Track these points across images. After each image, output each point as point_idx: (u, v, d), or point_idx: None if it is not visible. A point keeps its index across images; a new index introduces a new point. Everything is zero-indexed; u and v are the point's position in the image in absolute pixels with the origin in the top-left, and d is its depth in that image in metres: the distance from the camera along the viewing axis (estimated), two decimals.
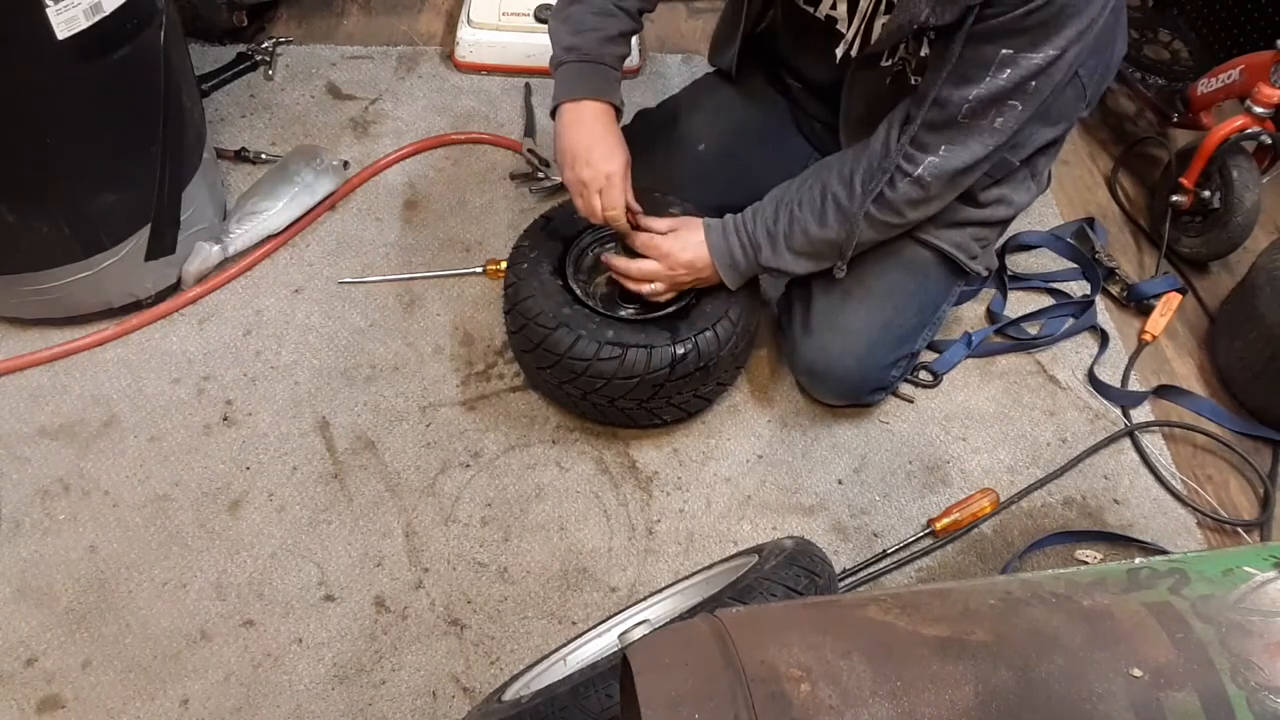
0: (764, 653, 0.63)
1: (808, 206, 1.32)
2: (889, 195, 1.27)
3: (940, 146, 1.22)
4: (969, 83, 1.16)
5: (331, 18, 2.17)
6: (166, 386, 1.48)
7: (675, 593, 1.20)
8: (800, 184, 1.35)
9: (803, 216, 1.32)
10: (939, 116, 1.20)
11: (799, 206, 1.32)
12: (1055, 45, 1.12)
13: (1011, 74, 1.14)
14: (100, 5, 1.24)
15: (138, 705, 1.18)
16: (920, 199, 1.28)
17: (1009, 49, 1.13)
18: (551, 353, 1.34)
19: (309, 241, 1.70)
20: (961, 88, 1.17)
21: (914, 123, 1.21)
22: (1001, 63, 1.14)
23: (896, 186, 1.26)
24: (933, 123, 1.21)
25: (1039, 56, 1.13)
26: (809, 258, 1.35)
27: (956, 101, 1.18)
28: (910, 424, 1.54)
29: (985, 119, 1.19)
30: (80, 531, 1.32)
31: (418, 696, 1.20)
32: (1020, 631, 0.67)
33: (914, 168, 1.24)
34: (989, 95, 1.16)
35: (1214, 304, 1.75)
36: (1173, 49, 2.08)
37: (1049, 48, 1.12)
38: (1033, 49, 1.12)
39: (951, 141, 1.22)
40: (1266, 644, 0.65)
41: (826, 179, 1.31)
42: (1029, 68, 1.14)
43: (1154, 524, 1.44)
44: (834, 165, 1.32)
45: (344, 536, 1.34)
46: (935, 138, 1.22)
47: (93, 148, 1.35)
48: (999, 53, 1.13)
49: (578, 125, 1.32)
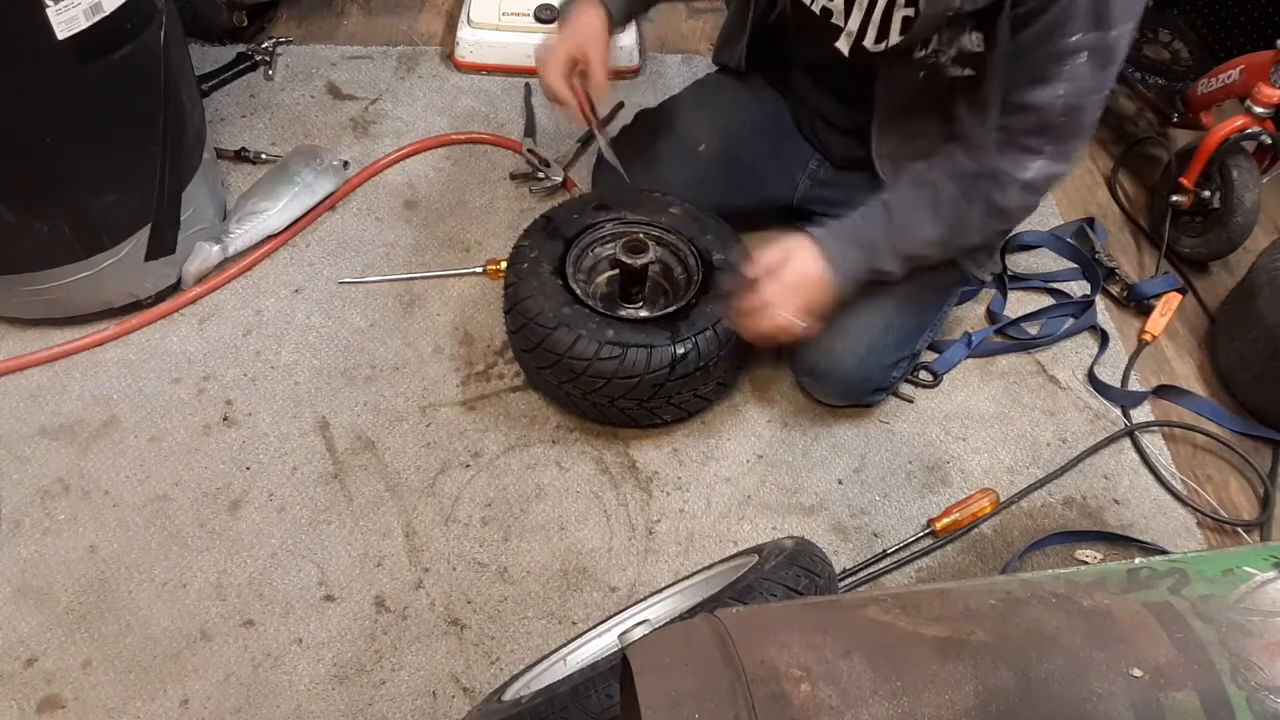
0: (764, 653, 0.63)
1: (918, 205, 1.27)
2: (1001, 203, 1.24)
3: (1046, 148, 1.20)
4: (1049, 81, 1.13)
5: (331, 18, 2.17)
6: (166, 386, 1.48)
7: (675, 593, 1.20)
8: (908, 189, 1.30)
9: (918, 217, 1.27)
10: (1036, 122, 1.17)
11: (914, 208, 1.28)
12: (1124, 16, 1.09)
13: (1090, 59, 1.11)
14: (100, 5, 1.24)
15: (138, 705, 1.18)
16: (1030, 205, 1.27)
17: (1078, 34, 1.09)
18: (551, 352, 1.34)
19: (309, 241, 1.70)
20: (1044, 88, 1.14)
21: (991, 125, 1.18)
22: (1075, 50, 1.10)
23: (1008, 193, 1.23)
24: (1029, 127, 1.18)
25: (1113, 33, 1.09)
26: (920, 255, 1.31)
27: (1047, 103, 1.15)
28: (910, 424, 1.54)
29: (1085, 115, 1.17)
30: (80, 531, 1.32)
31: (418, 696, 1.20)
32: (1020, 631, 0.67)
33: (1024, 173, 1.21)
34: (1076, 88, 1.13)
35: (1214, 304, 1.75)
36: (1173, 49, 2.08)
37: (1119, 20, 1.09)
38: (1100, 25, 1.09)
39: (1056, 143, 1.19)
40: (1266, 644, 0.65)
41: (937, 178, 1.27)
42: (1105, 49, 1.10)
43: (1154, 524, 1.44)
44: (941, 166, 1.28)
45: (344, 536, 1.34)
46: (1036, 140, 1.19)
47: (93, 148, 1.35)
48: (1068, 41, 1.10)
49: (560, 20, 1.39)
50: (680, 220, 1.51)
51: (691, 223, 1.50)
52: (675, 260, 1.51)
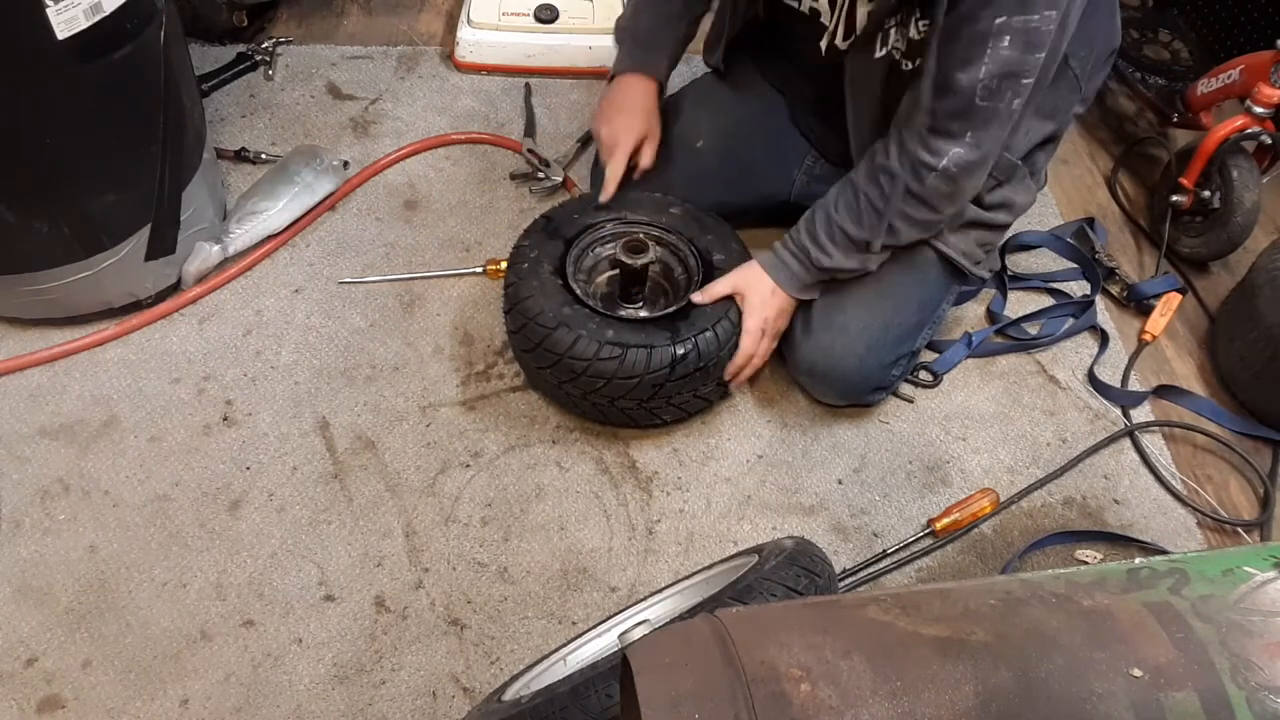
0: (764, 653, 0.63)
1: (844, 208, 1.32)
2: (918, 190, 1.26)
3: (966, 134, 1.21)
4: (972, 63, 1.15)
5: (331, 18, 2.17)
6: (166, 386, 1.48)
7: (675, 593, 1.20)
8: (839, 187, 1.35)
9: (840, 218, 1.33)
10: (956, 104, 1.19)
11: (835, 208, 1.33)
12: (1047, 3, 1.11)
13: (1012, 41, 1.13)
14: (100, 5, 1.24)
15: (138, 705, 1.18)
16: (950, 192, 1.27)
17: (1001, 15, 1.12)
18: (551, 352, 1.34)
19: (309, 241, 1.70)
20: (967, 69, 1.16)
21: (923, 111, 1.21)
22: (998, 32, 1.12)
23: (925, 181, 1.25)
24: (951, 111, 1.20)
25: (1035, 17, 1.12)
26: (858, 254, 1.35)
27: (968, 84, 1.16)
28: (910, 424, 1.54)
29: (1002, 100, 1.18)
30: (80, 531, 1.32)
31: (418, 696, 1.20)
32: (1020, 631, 0.67)
33: (938, 159, 1.23)
34: (999, 70, 1.15)
35: (1214, 304, 1.75)
36: (1173, 49, 2.08)
37: (1042, 6, 1.11)
38: (1024, 9, 1.11)
39: (974, 128, 1.21)
40: (1266, 644, 0.65)
41: (858, 179, 1.31)
42: (1028, 31, 1.12)
43: (1154, 524, 1.44)
44: (863, 165, 1.32)
45: (344, 536, 1.34)
46: (958, 125, 1.21)
47: (93, 148, 1.35)
48: (993, 23, 1.12)
49: (613, 91, 1.55)
50: (681, 220, 1.51)
51: (692, 223, 1.51)
52: (675, 260, 1.51)
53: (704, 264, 1.46)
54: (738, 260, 1.45)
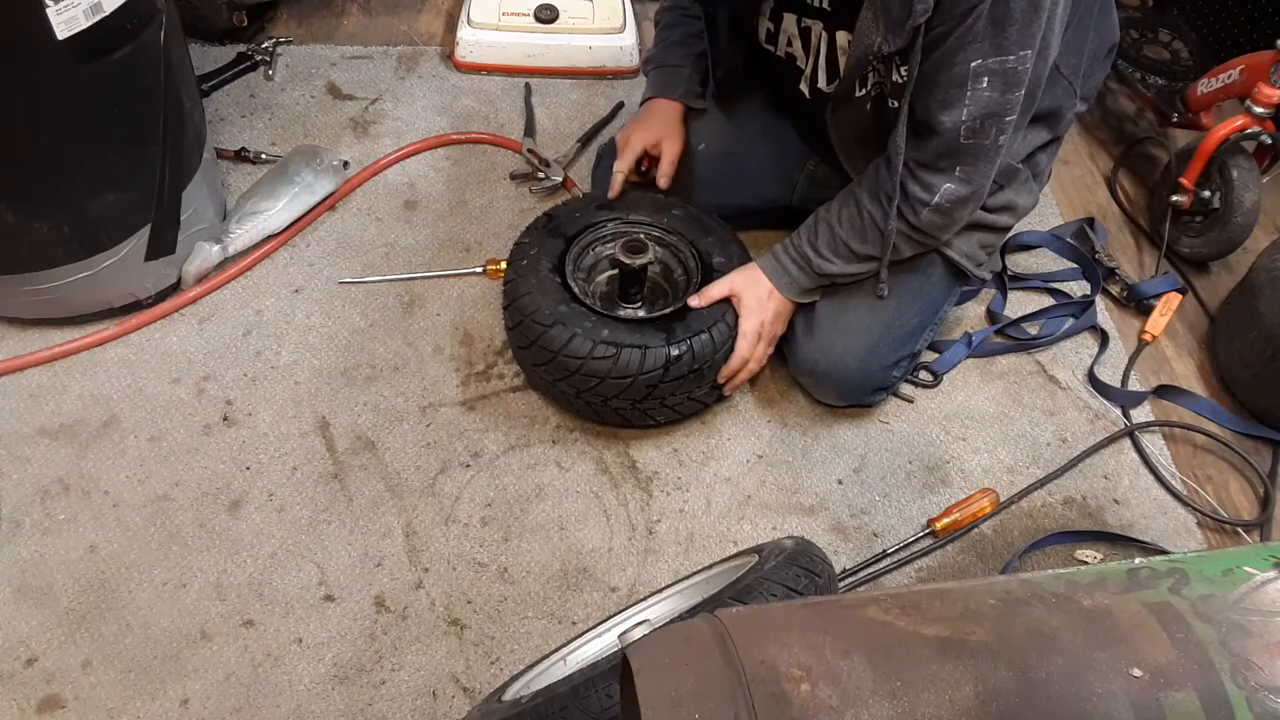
0: (764, 653, 0.63)
1: (848, 222, 1.34)
2: (914, 221, 1.29)
3: (955, 169, 1.23)
4: (953, 105, 1.17)
5: (331, 18, 2.17)
6: (166, 386, 1.48)
7: (675, 593, 1.20)
8: (842, 199, 1.36)
9: (844, 233, 1.34)
10: (941, 145, 1.21)
11: (839, 222, 1.34)
12: (1020, 44, 1.12)
13: (991, 83, 1.14)
14: (100, 5, 1.24)
15: (138, 705, 1.17)
16: (945, 224, 1.31)
17: (976, 59, 1.13)
18: (546, 349, 1.34)
19: (309, 241, 1.70)
20: (949, 111, 1.17)
21: (911, 148, 1.22)
22: (975, 75, 1.14)
23: (920, 215, 1.28)
24: (938, 151, 1.22)
25: (1011, 58, 1.13)
26: (859, 261, 1.36)
27: (951, 126, 1.18)
28: (910, 424, 1.54)
29: (988, 138, 1.19)
30: (80, 531, 1.32)
31: (418, 696, 1.20)
32: (1020, 631, 0.67)
33: (931, 195, 1.25)
34: (980, 111, 1.17)
35: (1214, 304, 1.75)
36: (1173, 49, 2.08)
37: (1015, 48, 1.12)
38: (999, 52, 1.12)
39: (963, 165, 1.22)
40: (1266, 644, 0.65)
41: (861, 196, 1.32)
42: (1005, 72, 1.13)
43: (1154, 524, 1.44)
44: (866, 182, 1.33)
45: (344, 536, 1.34)
46: (946, 162, 1.23)
47: (93, 148, 1.35)
48: (969, 66, 1.13)
49: (642, 112, 1.59)
50: (681, 222, 1.51)
51: (693, 225, 1.51)
52: (675, 262, 1.51)
53: (703, 266, 1.46)
54: (737, 263, 1.45)
